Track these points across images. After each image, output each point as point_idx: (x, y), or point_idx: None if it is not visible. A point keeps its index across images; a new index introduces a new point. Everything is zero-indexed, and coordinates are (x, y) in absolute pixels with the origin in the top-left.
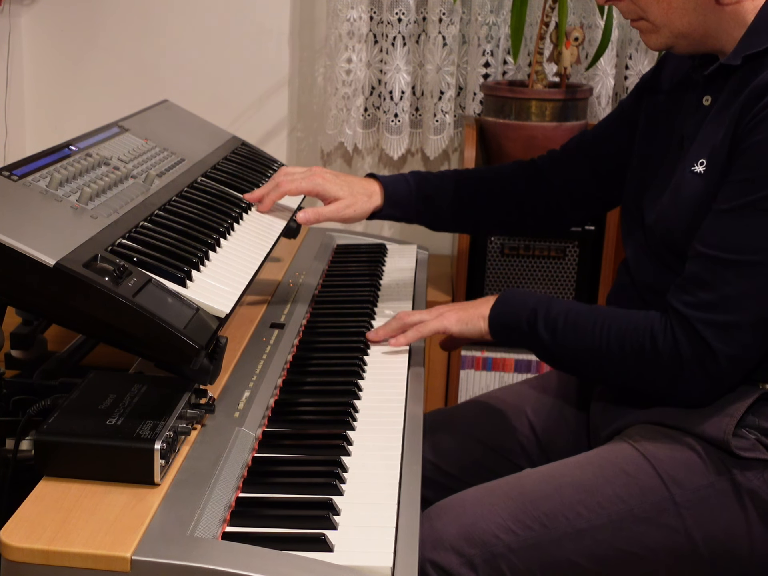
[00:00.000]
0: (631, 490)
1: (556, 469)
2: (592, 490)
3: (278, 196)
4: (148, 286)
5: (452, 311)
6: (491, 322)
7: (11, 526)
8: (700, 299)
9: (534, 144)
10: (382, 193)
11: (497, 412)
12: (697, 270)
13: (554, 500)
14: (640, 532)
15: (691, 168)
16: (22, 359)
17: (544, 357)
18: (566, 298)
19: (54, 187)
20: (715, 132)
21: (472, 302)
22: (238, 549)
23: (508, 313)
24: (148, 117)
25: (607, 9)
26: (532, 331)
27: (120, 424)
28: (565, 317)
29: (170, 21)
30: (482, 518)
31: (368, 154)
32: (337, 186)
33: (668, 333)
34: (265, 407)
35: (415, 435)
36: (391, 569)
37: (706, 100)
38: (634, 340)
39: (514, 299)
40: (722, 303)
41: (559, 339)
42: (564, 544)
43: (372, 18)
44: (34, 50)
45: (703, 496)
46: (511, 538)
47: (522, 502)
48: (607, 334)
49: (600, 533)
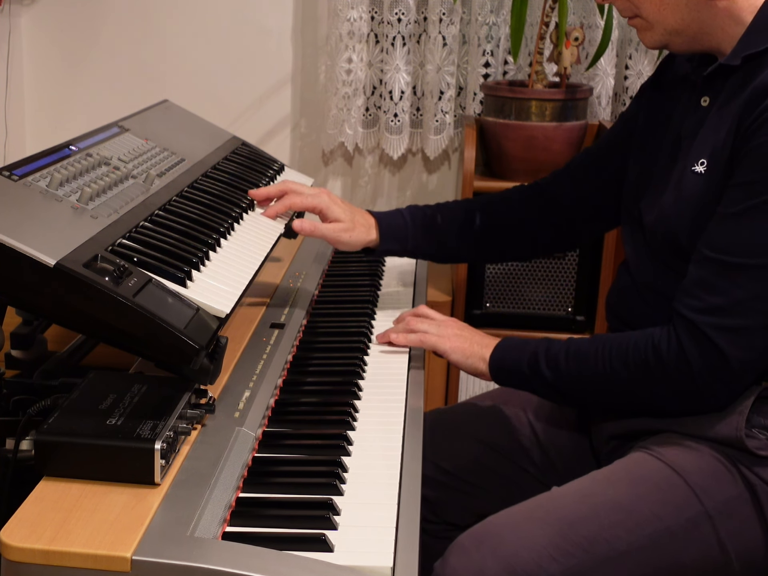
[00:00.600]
0: (668, 507)
1: (587, 487)
2: (629, 510)
3: (283, 208)
4: (148, 286)
5: (458, 338)
6: (492, 367)
7: (11, 526)
8: (710, 304)
9: (534, 144)
10: (377, 228)
11: (497, 412)
12: (705, 274)
13: (592, 523)
14: (677, 550)
15: (692, 168)
16: (22, 359)
17: (551, 396)
18: (566, 298)
19: (54, 187)
20: (715, 132)
21: (478, 336)
22: (238, 549)
23: (508, 359)
24: (148, 117)
25: (607, 9)
26: (534, 373)
27: (120, 424)
28: (566, 352)
29: (170, 21)
30: (523, 548)
31: (369, 154)
32: (341, 209)
33: (672, 342)
34: (265, 407)
35: (415, 435)
36: (391, 569)
37: (704, 101)
38: (636, 356)
39: (513, 344)
40: (733, 307)
41: (563, 374)
42: (606, 568)
43: (372, 18)
44: (34, 50)
45: (732, 505)
46: (554, 568)
47: (560, 528)
48: (609, 357)
49: (640, 554)
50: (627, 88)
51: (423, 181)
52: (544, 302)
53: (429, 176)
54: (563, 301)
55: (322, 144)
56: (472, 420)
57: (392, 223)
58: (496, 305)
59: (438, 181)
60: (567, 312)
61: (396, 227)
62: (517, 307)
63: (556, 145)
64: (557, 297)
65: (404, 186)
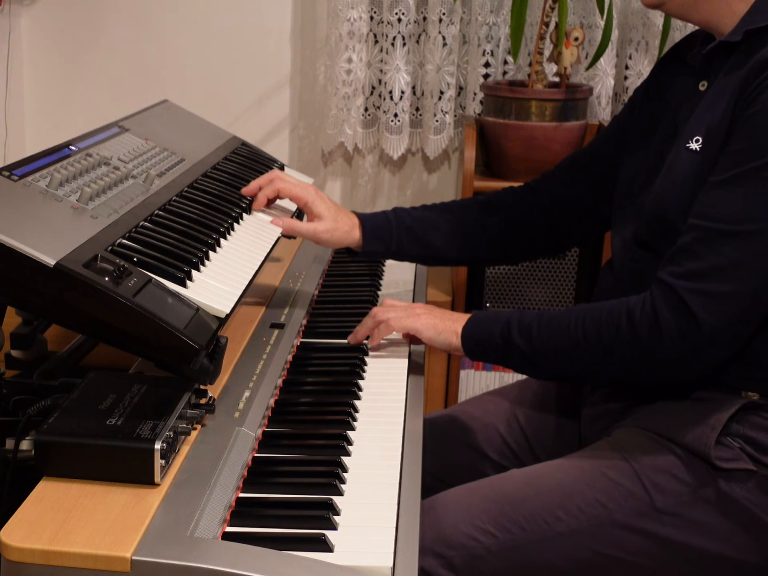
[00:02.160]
0: (612, 495)
1: (538, 471)
2: (572, 494)
3: (272, 192)
4: (148, 286)
5: (427, 315)
6: (464, 339)
7: (11, 526)
8: (689, 269)
9: (534, 144)
10: (360, 228)
11: (485, 416)
12: (688, 241)
13: (534, 503)
14: (619, 537)
15: (686, 145)
16: (22, 359)
17: (523, 367)
18: (566, 298)
19: (54, 187)
20: (711, 109)
21: (448, 313)
22: (238, 549)
23: (481, 330)
24: (148, 117)
25: (607, 9)
26: (506, 342)
27: (120, 424)
28: (539, 321)
29: (170, 21)
30: (461, 520)
31: (368, 154)
32: (325, 206)
33: (646, 306)
34: (265, 407)
35: (415, 435)
36: (391, 569)
37: (702, 86)
38: (609, 322)
39: (486, 316)
40: (712, 273)
41: (536, 343)
42: (543, 547)
43: (372, 18)
44: (34, 50)
45: (685, 503)
46: (490, 541)
47: (501, 505)
48: (582, 325)
49: (579, 537)
50: (627, 88)
51: (423, 181)
52: (544, 302)
53: (429, 176)
54: (563, 301)
55: (322, 144)
56: (462, 425)
57: (376, 224)
58: (496, 305)
59: (438, 181)
60: None
61: (379, 228)
62: (517, 307)
63: (556, 145)
64: (557, 297)
65: (404, 186)
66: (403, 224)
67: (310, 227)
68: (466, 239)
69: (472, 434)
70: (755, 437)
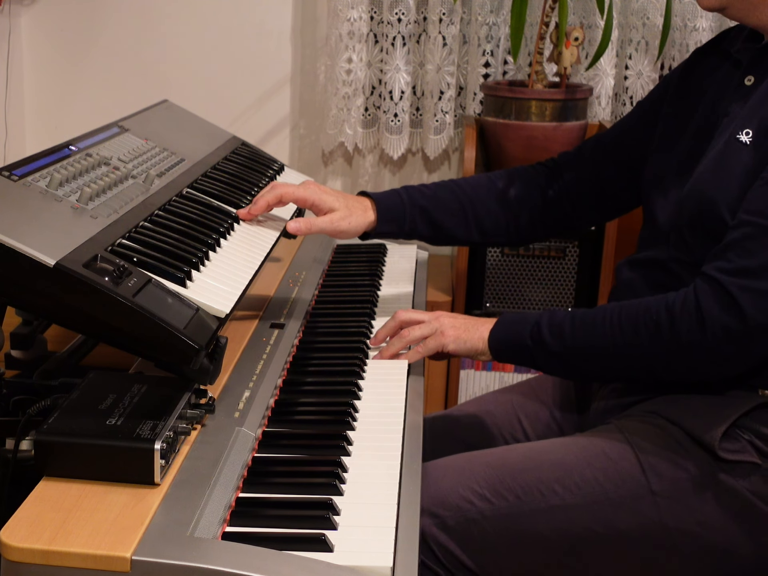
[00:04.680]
0: (609, 474)
1: (542, 446)
2: (571, 470)
3: (273, 197)
4: (148, 286)
5: (452, 329)
6: (492, 342)
7: (11, 526)
8: (739, 266)
9: (534, 144)
10: (374, 209)
11: (490, 417)
12: (738, 237)
13: (532, 474)
14: (613, 516)
15: (736, 136)
16: (22, 359)
17: (553, 367)
18: (566, 298)
19: (54, 187)
20: (763, 104)
21: (472, 321)
22: (238, 549)
23: (509, 331)
24: (148, 117)
25: (607, 9)
26: (537, 344)
27: (120, 424)
28: (572, 320)
29: (170, 21)
30: (459, 483)
31: (369, 154)
32: (333, 197)
33: (689, 302)
34: (265, 407)
35: (415, 435)
36: (391, 569)
37: (748, 80)
38: (648, 319)
39: (513, 318)
40: (763, 270)
41: (569, 342)
42: (536, 518)
43: (372, 18)
44: (34, 50)
45: (681, 489)
46: (485, 505)
47: (501, 472)
48: (618, 322)
49: (573, 512)
50: (627, 88)
51: (423, 181)
52: (544, 302)
53: (429, 176)
54: (563, 300)
55: (322, 144)
56: (464, 425)
57: (389, 205)
58: (496, 305)
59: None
60: None
61: (393, 209)
62: (517, 307)
63: (556, 145)
64: (557, 297)
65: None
66: (416, 204)
67: (326, 219)
68: (479, 221)
69: (472, 434)
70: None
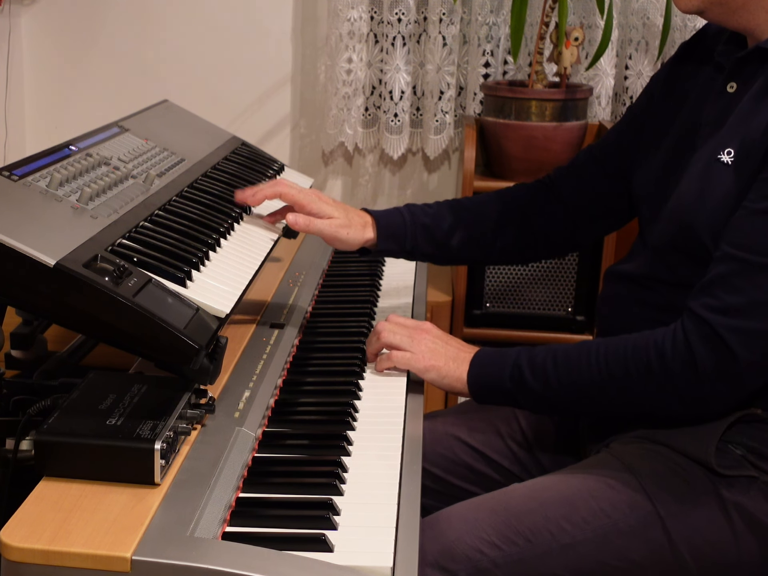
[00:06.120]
0: (616, 504)
1: (541, 483)
2: (577, 505)
3: (272, 192)
4: (148, 286)
5: (432, 354)
6: (471, 386)
7: (11, 526)
8: (727, 303)
9: (534, 144)
10: (374, 226)
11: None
12: (725, 272)
13: (538, 515)
14: (624, 546)
15: (717, 156)
16: (22, 359)
17: (540, 408)
18: (566, 299)
19: (54, 187)
20: (745, 121)
21: (452, 350)
22: (238, 549)
23: (486, 375)
24: (148, 117)
25: (607, 9)
26: (519, 387)
27: (120, 424)
28: (554, 360)
29: (170, 21)
30: (466, 533)
31: (369, 154)
32: (332, 207)
33: (678, 341)
34: (265, 407)
35: (415, 435)
36: (391, 569)
37: (730, 87)
38: (636, 359)
39: (489, 359)
40: (751, 309)
41: (553, 384)
42: (549, 559)
43: (372, 18)
44: (34, 50)
45: (688, 510)
46: (495, 553)
47: (506, 517)
48: (604, 362)
49: (584, 548)
50: (627, 88)
51: (423, 180)
52: (544, 302)
53: (429, 176)
54: (563, 301)
55: (322, 144)
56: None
57: (390, 222)
58: (496, 305)
59: (438, 181)
60: (567, 312)
61: (394, 226)
62: (517, 307)
63: (556, 145)
64: (557, 297)
65: (404, 186)
66: (418, 223)
67: (327, 223)
68: (482, 240)
69: (472, 434)
70: (757, 447)
